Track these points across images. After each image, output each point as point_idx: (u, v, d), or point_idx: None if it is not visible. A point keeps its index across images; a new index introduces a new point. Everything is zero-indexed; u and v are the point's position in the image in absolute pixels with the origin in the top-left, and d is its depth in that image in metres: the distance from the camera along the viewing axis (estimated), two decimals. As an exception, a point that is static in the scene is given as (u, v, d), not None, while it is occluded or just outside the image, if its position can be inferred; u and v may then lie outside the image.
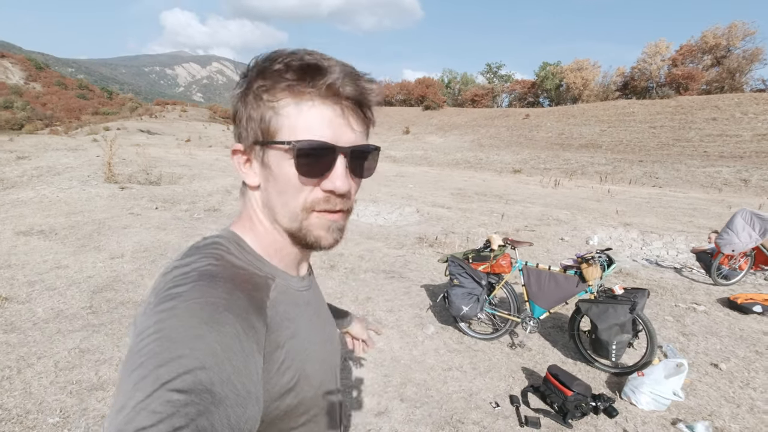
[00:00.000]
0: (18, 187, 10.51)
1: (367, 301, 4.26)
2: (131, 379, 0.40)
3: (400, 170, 19.02)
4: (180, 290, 0.48)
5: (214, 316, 0.45)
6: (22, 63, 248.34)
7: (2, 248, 5.25)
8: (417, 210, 9.39)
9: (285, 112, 0.53)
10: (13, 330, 3.08)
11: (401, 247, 6.35)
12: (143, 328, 0.45)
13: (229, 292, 0.49)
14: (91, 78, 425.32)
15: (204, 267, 0.51)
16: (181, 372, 0.40)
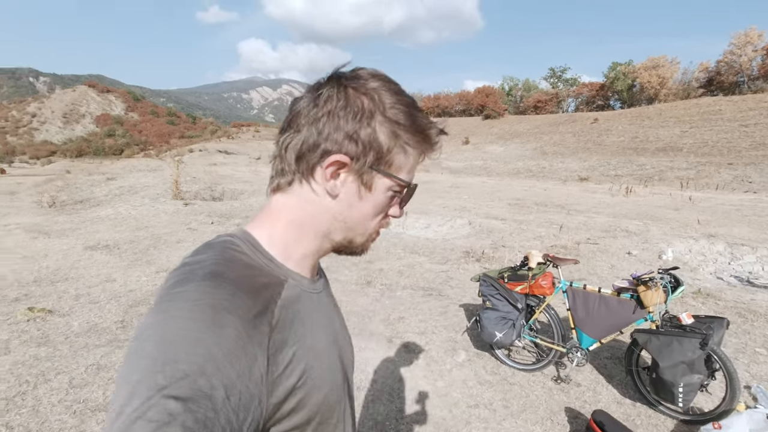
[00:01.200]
0: (101, 205, 11.56)
1: (399, 321, 3.97)
2: (129, 383, 0.39)
3: (456, 181, 18.49)
4: (182, 289, 0.47)
5: (215, 319, 0.44)
6: (123, 96, 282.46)
7: (68, 262, 5.65)
8: (469, 222, 8.94)
9: (410, 154, 0.61)
10: (45, 343, 3.19)
11: (445, 262, 5.98)
12: (144, 327, 0.44)
13: (233, 292, 0.48)
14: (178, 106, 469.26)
15: (210, 266, 0.50)
16: (178, 378, 0.39)
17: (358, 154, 0.57)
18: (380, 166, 0.58)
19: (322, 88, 0.57)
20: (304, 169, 0.58)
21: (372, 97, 0.57)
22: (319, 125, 0.56)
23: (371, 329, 3.76)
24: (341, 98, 0.56)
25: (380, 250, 6.56)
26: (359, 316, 4.05)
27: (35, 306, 3.79)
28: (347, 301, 4.40)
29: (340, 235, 0.62)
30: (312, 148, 0.57)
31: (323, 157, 0.57)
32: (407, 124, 0.58)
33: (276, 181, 0.61)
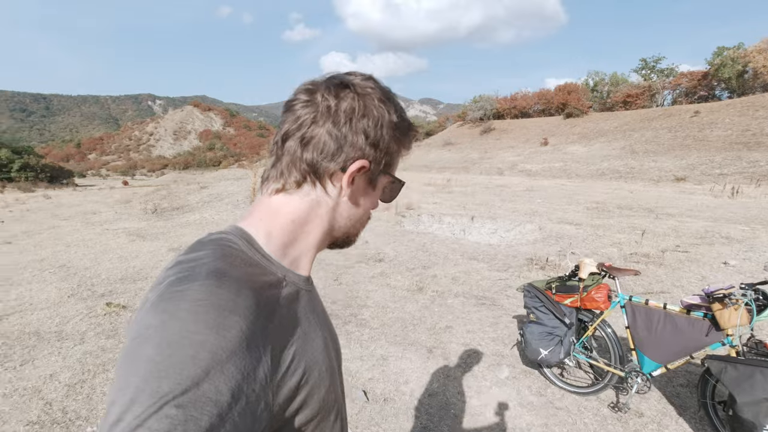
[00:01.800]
0: (192, 211, 12.72)
1: (445, 330, 3.79)
2: (128, 387, 0.37)
3: (531, 184, 17.49)
4: (184, 288, 0.44)
5: (219, 320, 0.42)
6: (222, 113, 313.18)
7: (152, 262, 6.24)
8: (539, 227, 8.38)
9: (401, 155, 0.66)
10: (113, 336, 3.52)
11: (505, 270, 5.64)
12: (143, 327, 0.42)
13: (237, 292, 0.46)
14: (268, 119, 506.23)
15: (212, 263, 0.48)
16: (182, 383, 0.37)
17: (376, 159, 0.60)
18: (387, 169, 0.63)
19: (339, 94, 0.58)
20: (322, 173, 0.58)
21: (384, 104, 0.60)
22: (343, 132, 0.57)
23: (413, 338, 3.63)
24: (361, 107, 0.58)
25: (437, 255, 6.38)
26: (404, 323, 3.94)
27: (113, 302, 4.21)
28: (394, 308, 4.31)
29: (343, 231, 0.64)
30: (335, 153, 0.58)
31: (346, 162, 0.58)
32: (405, 130, 0.64)
33: (279, 183, 0.59)
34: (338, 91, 0.58)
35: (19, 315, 4.02)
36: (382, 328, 3.84)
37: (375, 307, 4.33)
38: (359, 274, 5.49)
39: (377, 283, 5.12)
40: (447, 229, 8.96)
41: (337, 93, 0.58)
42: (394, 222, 9.11)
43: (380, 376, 2.99)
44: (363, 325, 3.88)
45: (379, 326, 3.87)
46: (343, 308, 4.31)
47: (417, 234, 8.07)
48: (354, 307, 4.35)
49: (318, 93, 0.58)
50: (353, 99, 0.58)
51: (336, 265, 5.85)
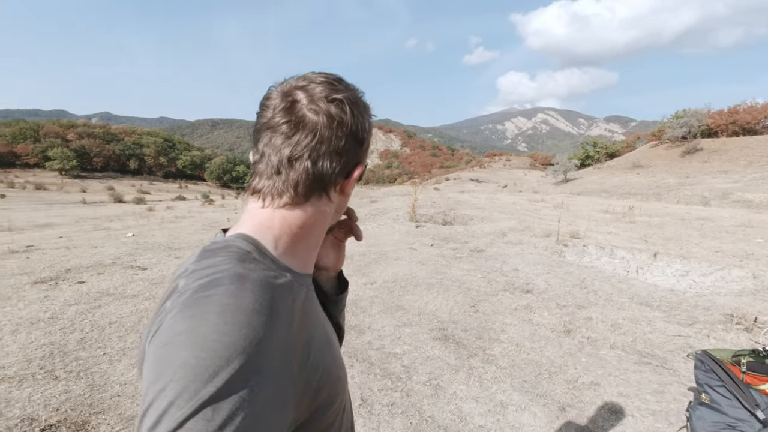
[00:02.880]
0: (359, 222, 13.88)
1: (589, 387, 3.17)
2: (165, 391, 0.39)
3: (750, 219, 13.62)
4: (210, 293, 0.47)
5: (247, 322, 0.44)
6: (401, 135, 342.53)
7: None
8: (753, 275, 6.46)
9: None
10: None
11: (690, 324, 4.46)
12: (173, 333, 0.44)
13: (261, 295, 0.48)
14: (441, 140, 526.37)
15: (231, 269, 0.51)
16: (217, 385, 0.39)
17: (365, 158, 0.67)
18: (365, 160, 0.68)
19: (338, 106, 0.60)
20: (327, 183, 0.62)
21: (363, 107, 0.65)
22: (343, 143, 0.61)
23: (545, 389, 3.12)
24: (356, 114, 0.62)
25: (598, 294, 5.46)
26: (539, 368, 3.44)
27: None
28: (531, 348, 3.82)
29: (335, 218, 0.70)
30: (343, 166, 0.62)
31: (349, 171, 0.63)
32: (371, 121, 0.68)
33: (287, 197, 0.60)
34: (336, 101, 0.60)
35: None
36: (510, 369, 3.42)
37: (508, 344, 3.91)
38: (500, 304, 5.08)
39: (518, 317, 4.64)
40: (618, 264, 7.65)
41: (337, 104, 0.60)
42: (553, 251, 8.22)
43: (493, 426, 2.63)
44: (489, 362, 3.53)
45: (507, 366, 3.46)
46: (474, 339, 4.01)
47: (577, 267, 7.09)
48: (485, 339, 4.01)
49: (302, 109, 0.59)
50: (348, 109, 0.60)
51: (477, 291, 5.54)
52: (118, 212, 19.26)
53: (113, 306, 4.56)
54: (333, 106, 0.59)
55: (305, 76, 0.63)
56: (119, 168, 77.21)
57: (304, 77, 0.62)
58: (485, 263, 7.17)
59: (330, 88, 0.60)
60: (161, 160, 78.33)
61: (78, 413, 2.59)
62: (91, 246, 8.32)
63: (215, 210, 20.57)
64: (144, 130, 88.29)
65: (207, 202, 24.85)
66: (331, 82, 0.61)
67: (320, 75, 0.62)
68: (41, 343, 3.56)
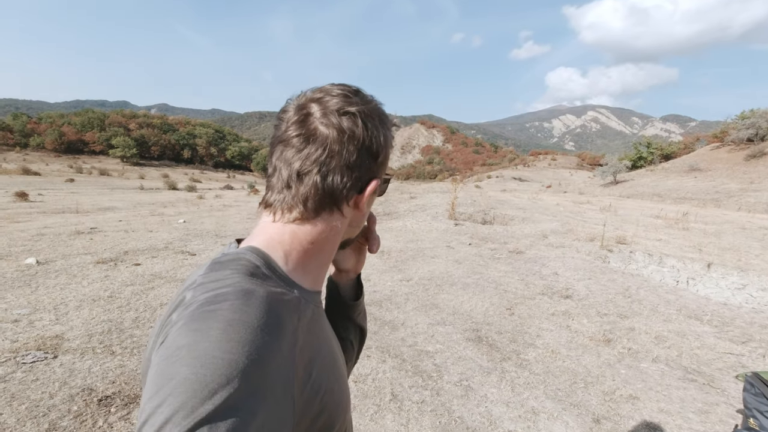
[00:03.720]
0: (398, 218, 13.98)
1: (627, 401, 3.08)
2: (162, 406, 0.39)
3: (825, 231, 12.50)
4: (214, 308, 0.46)
5: (250, 339, 0.44)
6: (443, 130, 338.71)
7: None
8: (821, 293, 5.97)
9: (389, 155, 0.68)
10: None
11: (744, 342, 4.20)
12: (175, 348, 0.44)
13: (266, 311, 0.48)
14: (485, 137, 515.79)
15: (239, 283, 0.50)
16: (215, 403, 0.39)
17: (381, 173, 0.66)
18: (386, 175, 0.69)
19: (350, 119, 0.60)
20: (338, 197, 0.61)
21: (380, 119, 0.64)
22: (354, 157, 0.60)
23: (580, 398, 3.06)
24: (369, 127, 0.61)
25: (643, 304, 5.24)
26: (574, 377, 3.37)
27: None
28: (567, 356, 3.74)
29: (349, 234, 0.69)
30: (355, 181, 0.61)
31: (362, 185, 0.63)
32: (392, 134, 0.67)
33: (297, 211, 0.60)
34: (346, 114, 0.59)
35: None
36: (544, 375, 3.38)
37: (544, 350, 3.85)
38: (537, 308, 4.99)
39: (555, 323, 4.55)
40: (667, 274, 7.27)
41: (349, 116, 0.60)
42: (597, 256, 7.93)
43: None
44: (523, 367, 3.50)
45: (542, 373, 3.42)
46: (508, 342, 3.98)
47: (622, 274, 6.82)
48: (519, 343, 3.96)
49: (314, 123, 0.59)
50: (361, 122, 0.60)
51: (514, 294, 5.46)
52: (172, 199, 20.36)
53: (164, 288, 4.88)
54: (345, 119, 0.59)
55: (322, 88, 0.63)
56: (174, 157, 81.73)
57: (321, 89, 0.62)
58: (524, 265, 7.03)
59: (344, 101, 0.60)
60: (212, 150, 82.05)
61: (131, 387, 2.83)
62: (146, 230, 8.90)
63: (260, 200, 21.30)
64: (197, 121, 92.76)
65: (252, 191, 25.73)
66: (347, 94, 0.61)
67: (337, 87, 0.62)
68: (101, 319, 3.88)
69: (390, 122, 0.67)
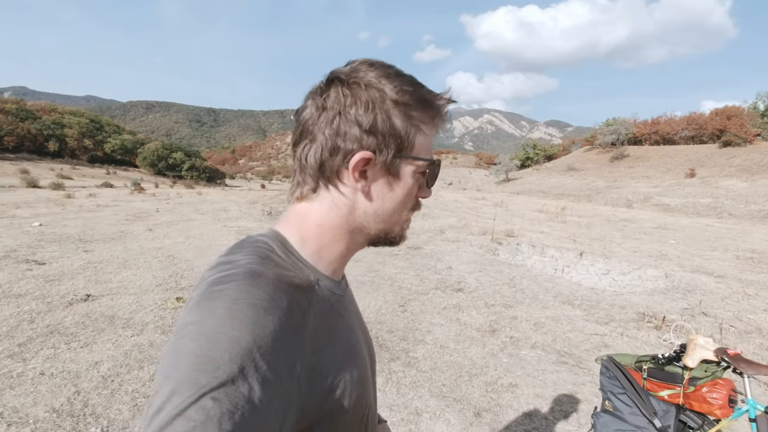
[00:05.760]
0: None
1: (507, 389, 3.15)
2: (170, 379, 0.39)
3: (665, 221, 14.85)
4: (222, 287, 0.47)
5: (254, 318, 0.44)
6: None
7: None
8: (665, 274, 6.93)
9: (425, 132, 0.59)
10: (167, 332, 3.62)
11: (606, 323, 4.65)
12: (184, 324, 0.44)
13: (272, 292, 0.48)
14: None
15: (249, 265, 0.50)
16: (219, 377, 0.39)
17: (380, 145, 0.56)
18: (403, 152, 0.57)
19: (325, 91, 0.57)
20: (329, 174, 0.57)
21: (375, 85, 0.56)
22: (333, 127, 0.55)
23: (464, 393, 3.06)
24: (347, 94, 0.55)
25: (525, 293, 5.58)
26: (460, 371, 3.38)
27: (182, 297, 4.41)
28: (455, 350, 3.76)
29: (376, 228, 0.61)
30: (333, 151, 0.56)
31: (346, 157, 0.56)
32: (415, 103, 0.57)
33: (298, 191, 0.60)
34: (326, 87, 0.57)
35: (109, 297, 4.44)
36: (431, 372, 3.34)
37: (433, 345, 3.83)
38: (430, 303, 5.02)
39: (446, 317, 4.60)
40: (548, 263, 7.94)
41: (324, 89, 0.56)
42: (488, 249, 8.38)
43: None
44: (411, 366, 3.43)
45: (428, 370, 3.37)
46: (398, 341, 3.89)
47: (509, 265, 7.26)
48: (410, 341, 3.90)
49: (315, 93, 0.58)
50: (338, 90, 0.55)
51: (408, 290, 5.46)
52: (30, 198, 17.35)
53: (-8, 307, 3.97)
54: (330, 86, 0.56)
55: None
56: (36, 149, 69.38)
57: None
58: (420, 261, 7.13)
59: (330, 74, 0.58)
60: (86, 142, 71.21)
61: None
62: (-17, 236, 7.34)
63: (145, 199, 19.13)
64: (66, 109, 79.82)
65: (137, 190, 23.07)
66: (334, 70, 0.58)
67: (348, 63, 0.59)
68: None
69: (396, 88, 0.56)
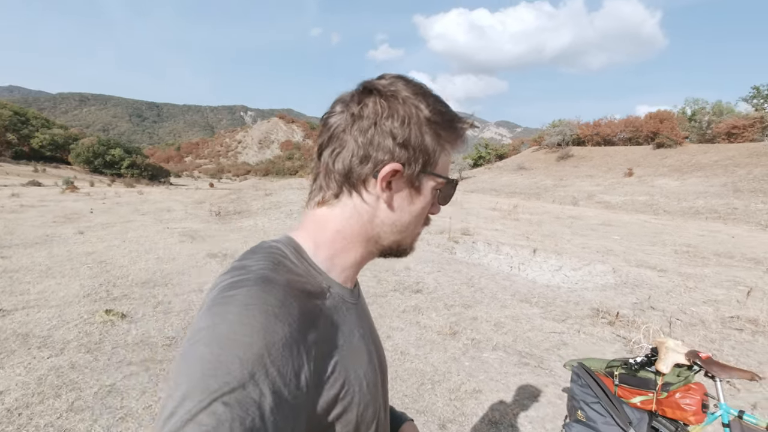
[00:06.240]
0: (250, 216, 12.90)
1: (471, 396, 3.02)
2: (182, 384, 0.40)
3: (609, 218, 15.65)
4: (234, 293, 0.47)
5: (264, 324, 0.44)
6: (303, 126, 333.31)
7: (184, 267, 6.08)
8: (613, 269, 7.18)
9: (447, 152, 0.60)
10: (94, 350, 3.20)
11: (563, 320, 4.68)
12: (197, 329, 0.45)
13: (283, 298, 0.48)
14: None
15: (260, 271, 0.51)
16: (230, 383, 0.39)
17: (410, 159, 0.57)
18: (427, 168, 0.59)
19: (362, 100, 0.57)
20: (355, 180, 0.58)
21: (412, 101, 0.57)
22: (368, 136, 0.56)
23: (427, 402, 2.90)
24: (384, 107, 0.56)
25: (484, 292, 5.55)
26: (422, 378, 3.22)
27: (114, 309, 3.96)
28: (416, 356, 3.61)
29: (390, 239, 0.61)
30: (363, 159, 0.56)
31: (377, 167, 0.56)
32: (445, 123, 0.59)
33: (320, 195, 0.60)
34: (362, 96, 0.57)
35: (25, 312, 3.90)
36: (392, 382, 3.15)
37: (393, 352, 3.66)
38: (389, 306, 4.85)
39: (406, 320, 4.44)
40: (504, 261, 8.02)
41: (360, 99, 0.57)
42: (445, 248, 8.35)
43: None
44: (371, 375, 3.23)
45: (390, 379, 3.18)
46: (357, 348, 3.68)
47: (467, 264, 7.24)
48: (369, 348, 3.70)
49: (346, 102, 0.58)
50: (375, 102, 0.56)
51: (366, 293, 5.25)
52: (-62, 199, 15.52)
53: None
54: (367, 96, 0.57)
55: None
56: (-53, 144, 62.26)
57: None
58: (378, 261, 6.95)
59: (373, 82, 0.59)
60: (9, 137, 64.68)
61: None
62: None
63: (78, 198, 17.66)
64: (-17, 100, 72.30)
65: (69, 189, 21.24)
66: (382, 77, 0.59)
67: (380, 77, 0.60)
68: None
69: (430, 106, 0.57)
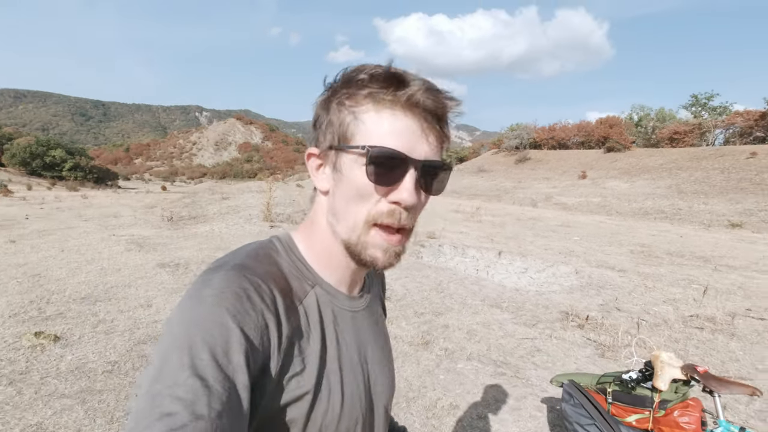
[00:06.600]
0: (206, 222, 12.22)
1: (448, 412, 2.84)
2: (158, 361, 0.42)
3: (567, 219, 16.17)
4: (211, 277, 0.49)
5: (236, 306, 0.46)
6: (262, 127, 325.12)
7: (130, 279, 5.54)
8: (575, 271, 7.29)
9: (364, 117, 0.53)
10: (18, 382, 2.76)
11: (534, 324, 4.61)
12: (177, 310, 0.47)
13: (257, 286, 0.49)
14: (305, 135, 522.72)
15: (241, 258, 0.53)
16: (203, 358, 0.42)
17: (320, 140, 0.56)
18: (341, 143, 0.54)
19: None
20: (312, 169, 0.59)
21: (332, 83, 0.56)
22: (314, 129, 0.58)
23: (402, 422, 2.66)
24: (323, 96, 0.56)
25: (454, 298, 5.42)
26: (396, 395, 3.00)
27: (45, 331, 3.48)
28: (388, 370, 3.39)
29: (340, 234, 0.56)
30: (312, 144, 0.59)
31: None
32: (343, 86, 0.54)
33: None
34: None
35: (-64, 338, 3.35)
36: (365, 401, 2.92)
37: (364, 367, 3.43)
38: (357, 315, 4.60)
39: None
40: (470, 264, 7.97)
41: None
42: (411, 252, 8.20)
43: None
44: (341, 395, 2.98)
45: (361, 398, 2.96)
46: (325, 363, 3.42)
47: (434, 269, 7.12)
48: (338, 363, 3.45)
49: None
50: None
51: (332, 301, 4.99)
52: None
53: None
54: None
55: None
56: None
57: None
58: (343, 267, 6.69)
59: None
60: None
61: None
62: None
63: (12, 203, 16.23)
64: None
65: (2, 192, 19.56)
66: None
67: None
68: None
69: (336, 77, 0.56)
